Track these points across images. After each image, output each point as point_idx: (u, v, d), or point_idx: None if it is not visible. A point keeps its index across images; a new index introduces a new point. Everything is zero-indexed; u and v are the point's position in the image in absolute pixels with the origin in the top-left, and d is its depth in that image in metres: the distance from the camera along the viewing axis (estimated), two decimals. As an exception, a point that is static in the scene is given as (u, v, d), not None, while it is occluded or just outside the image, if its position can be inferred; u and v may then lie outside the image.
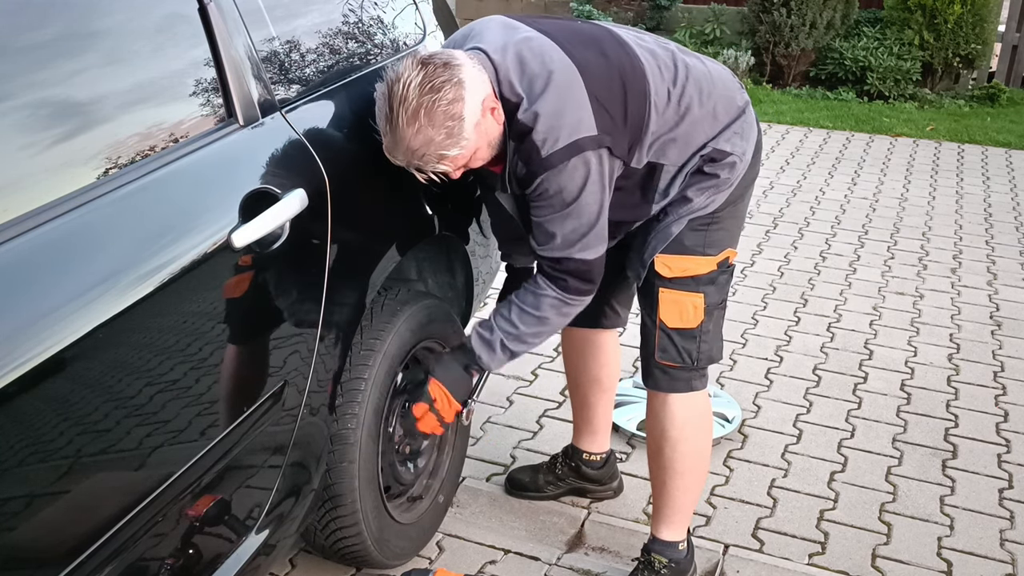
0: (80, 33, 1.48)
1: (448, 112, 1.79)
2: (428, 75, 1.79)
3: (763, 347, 3.62)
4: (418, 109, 1.78)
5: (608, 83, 1.90)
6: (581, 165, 1.87)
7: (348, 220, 1.88)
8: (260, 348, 1.73)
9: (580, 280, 2.00)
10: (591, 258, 1.98)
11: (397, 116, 1.79)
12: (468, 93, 1.81)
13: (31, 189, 1.34)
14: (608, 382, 2.56)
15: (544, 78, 1.86)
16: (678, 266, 2.09)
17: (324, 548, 2.15)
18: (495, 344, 2.06)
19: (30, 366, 1.25)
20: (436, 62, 1.81)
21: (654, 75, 1.96)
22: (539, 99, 1.85)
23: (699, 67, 2.04)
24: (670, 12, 9.17)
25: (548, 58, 1.88)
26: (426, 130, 1.79)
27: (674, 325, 2.11)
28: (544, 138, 1.85)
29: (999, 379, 3.46)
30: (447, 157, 1.84)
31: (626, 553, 2.45)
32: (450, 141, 1.82)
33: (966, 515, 2.68)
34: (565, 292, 2.01)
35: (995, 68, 8.44)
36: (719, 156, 2.03)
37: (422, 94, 1.78)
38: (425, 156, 1.83)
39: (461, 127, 1.81)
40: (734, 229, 2.16)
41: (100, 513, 1.41)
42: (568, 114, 1.85)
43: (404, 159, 1.85)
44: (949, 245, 4.80)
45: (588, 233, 1.95)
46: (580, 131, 1.85)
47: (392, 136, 1.82)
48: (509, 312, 2.05)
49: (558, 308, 2.03)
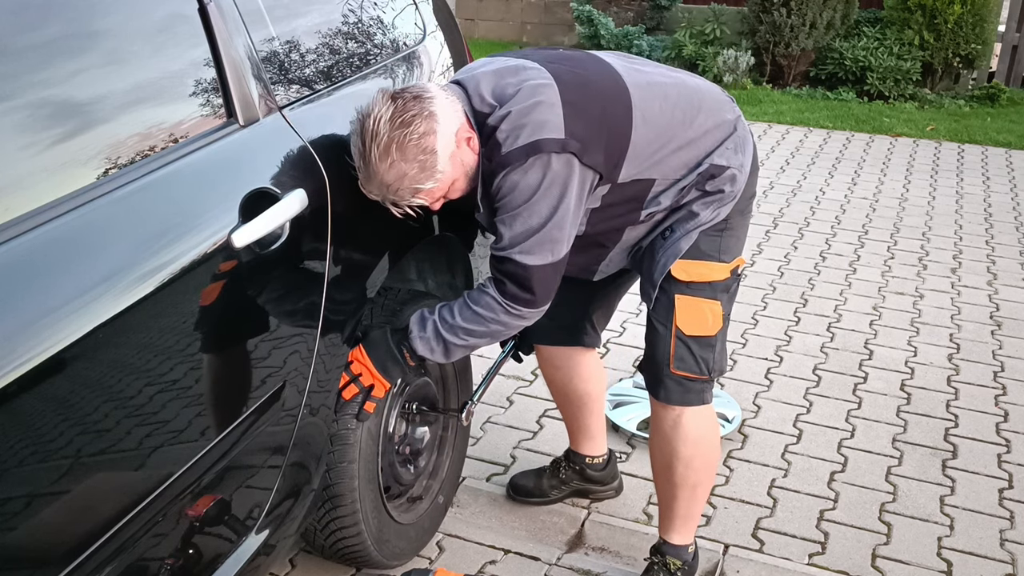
0: (80, 33, 1.48)
1: (420, 145, 1.79)
2: (398, 109, 1.79)
3: (763, 347, 3.62)
4: (390, 144, 1.78)
5: (584, 92, 1.89)
6: (539, 166, 1.84)
7: (348, 220, 1.88)
8: (260, 348, 1.73)
9: (518, 286, 1.92)
10: (531, 263, 1.89)
11: (369, 152, 1.79)
12: (440, 125, 1.81)
13: (31, 189, 1.34)
14: (596, 392, 2.53)
15: (516, 85, 1.87)
16: (695, 271, 2.06)
17: (324, 548, 2.15)
18: (427, 324, 1.98)
19: (30, 366, 1.25)
20: (406, 96, 1.81)
21: (639, 87, 1.95)
22: (509, 100, 1.86)
23: (688, 82, 2.05)
24: (670, 12, 9.17)
25: (521, 67, 1.90)
26: (399, 164, 1.79)
27: (692, 332, 2.08)
28: (507, 136, 1.84)
29: (999, 379, 3.46)
30: (422, 191, 1.83)
31: (626, 553, 2.45)
32: (424, 175, 1.82)
33: (966, 515, 2.68)
34: (502, 296, 1.93)
35: (995, 68, 8.44)
36: (718, 172, 2.01)
37: (393, 128, 1.78)
38: (400, 191, 1.82)
39: (434, 160, 1.81)
40: (742, 237, 2.15)
41: (100, 513, 1.41)
42: (535, 114, 1.84)
43: (379, 193, 1.84)
44: (949, 245, 4.80)
45: (534, 236, 1.88)
46: (543, 132, 1.83)
47: (366, 171, 1.82)
48: (454, 302, 2.01)
49: (494, 310, 1.94)
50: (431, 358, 2.02)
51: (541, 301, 1.96)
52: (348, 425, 2.00)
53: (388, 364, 2.00)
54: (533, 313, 1.97)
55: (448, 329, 1.98)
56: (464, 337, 1.98)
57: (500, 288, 1.94)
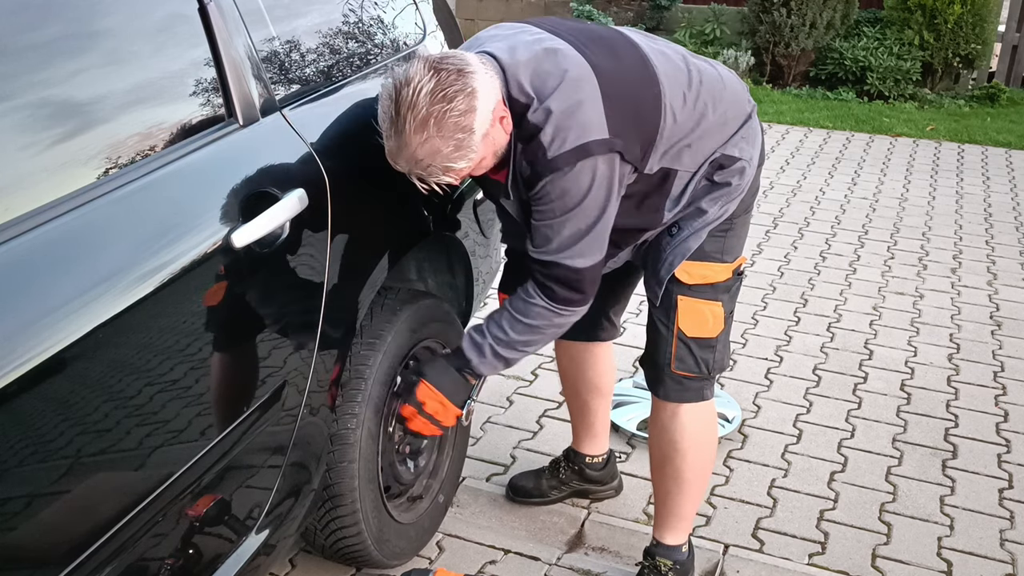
0: (80, 33, 1.48)
1: (459, 124, 1.72)
2: (441, 82, 1.70)
3: (763, 347, 3.62)
4: (427, 118, 1.70)
5: (622, 84, 1.84)
6: (588, 169, 1.80)
7: (348, 220, 1.88)
8: (260, 348, 1.73)
9: (568, 289, 1.93)
10: (582, 266, 1.90)
11: (404, 122, 1.71)
12: (480, 103, 1.73)
13: (31, 189, 1.34)
14: (607, 388, 2.55)
15: (557, 76, 1.79)
16: (698, 273, 2.05)
17: (324, 548, 2.15)
18: (484, 349, 2.02)
19: (30, 366, 1.25)
20: (449, 68, 1.72)
21: (668, 78, 1.91)
22: (550, 96, 1.78)
23: (710, 71, 2.00)
24: (670, 12, 9.18)
25: (562, 56, 1.81)
26: (434, 140, 1.72)
27: (693, 334, 2.08)
28: (552, 138, 1.78)
29: (999, 379, 3.46)
30: (453, 169, 1.77)
31: (626, 553, 2.45)
32: (458, 154, 1.75)
33: (966, 515, 2.68)
34: (553, 301, 1.94)
35: (995, 68, 8.44)
36: (728, 162, 1.99)
37: (433, 102, 1.69)
38: (430, 167, 1.76)
39: (471, 139, 1.74)
40: (744, 236, 2.14)
41: (100, 513, 1.41)
42: (579, 114, 1.78)
43: (407, 166, 1.78)
44: (949, 245, 4.80)
45: (584, 239, 1.88)
46: (590, 133, 1.78)
47: (396, 141, 1.74)
48: (501, 317, 2.01)
49: (547, 318, 1.96)
50: (495, 373, 2.09)
51: (590, 296, 1.98)
52: (348, 425, 2.00)
53: (459, 391, 2.07)
54: (584, 309, 2.00)
55: (505, 346, 2.01)
56: (523, 348, 2.03)
57: (549, 294, 1.94)
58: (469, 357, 2.03)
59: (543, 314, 1.96)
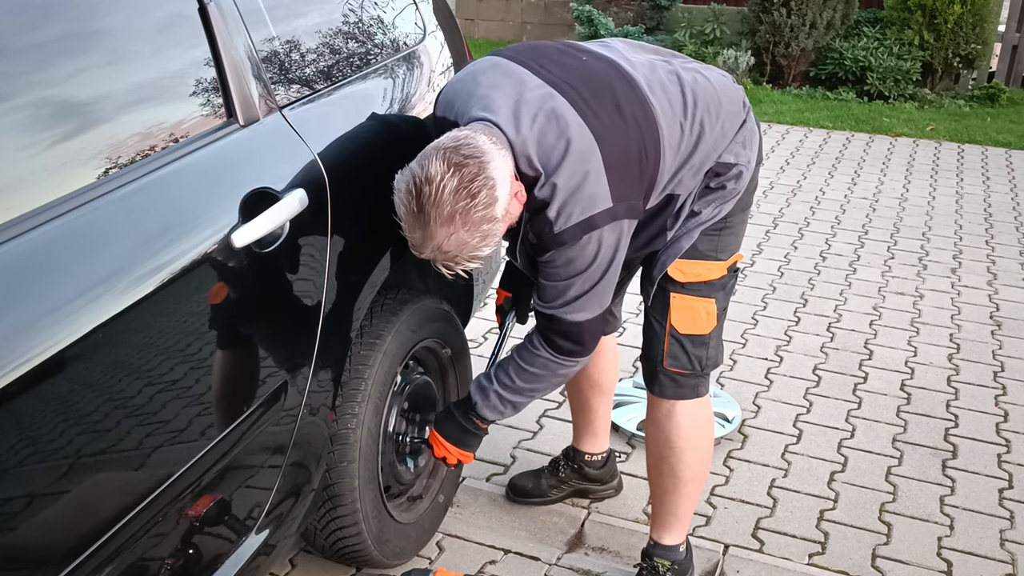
0: (81, 33, 1.48)
1: (485, 216, 1.73)
2: (463, 179, 1.70)
3: (763, 347, 3.62)
4: (453, 215, 1.71)
5: (625, 149, 1.84)
6: (594, 240, 1.83)
7: (348, 220, 1.88)
8: (260, 348, 1.73)
9: (570, 342, 1.97)
10: (582, 320, 1.94)
11: (430, 218, 1.71)
12: (500, 191, 1.74)
13: (31, 189, 1.34)
14: (608, 385, 2.56)
15: (561, 150, 1.79)
16: (691, 271, 2.05)
17: (324, 548, 2.15)
18: (490, 395, 2.06)
19: (30, 366, 1.25)
20: (469, 163, 1.71)
21: (666, 115, 1.90)
22: (556, 171, 1.79)
23: (705, 86, 1.97)
24: (670, 12, 9.17)
25: (564, 123, 1.79)
26: (460, 234, 1.73)
27: (686, 331, 2.09)
28: (558, 214, 1.80)
29: (999, 379, 3.46)
30: (479, 257, 1.79)
31: (626, 553, 2.45)
32: (484, 243, 1.77)
33: (966, 515, 2.68)
34: (556, 353, 1.98)
35: (995, 68, 8.44)
36: (724, 170, 1.99)
37: (458, 200, 1.70)
38: (457, 257, 1.77)
39: (496, 228, 1.76)
40: (741, 233, 2.14)
41: (100, 513, 1.41)
42: (584, 188, 1.79)
43: (432, 256, 1.79)
44: (949, 245, 4.80)
45: (585, 296, 1.91)
46: (595, 207, 1.80)
47: (422, 234, 1.74)
48: (508, 366, 2.05)
49: (550, 368, 2.01)
50: (502, 419, 2.12)
51: (591, 349, 2.02)
52: (348, 425, 2.00)
53: (464, 438, 2.11)
54: (586, 360, 2.05)
55: (512, 392, 2.05)
56: (530, 394, 2.07)
57: (552, 346, 1.99)
58: (476, 400, 2.08)
59: (547, 364, 2.01)
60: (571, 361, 2.01)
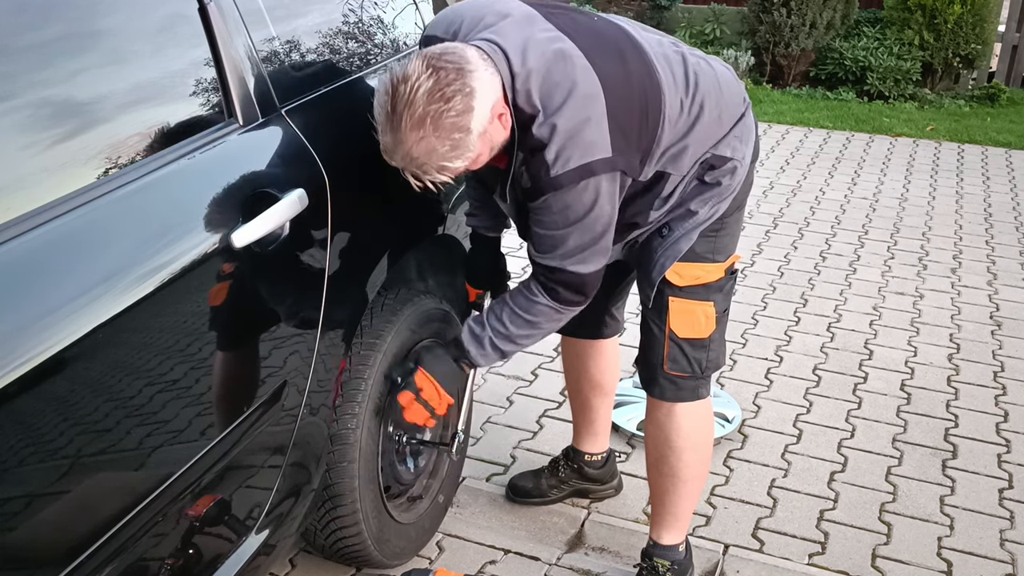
0: (81, 33, 1.48)
1: (456, 124, 1.69)
2: (439, 82, 1.67)
3: (763, 347, 3.62)
4: (424, 117, 1.68)
5: (628, 102, 1.82)
6: (592, 188, 1.80)
7: (348, 220, 1.88)
8: (260, 348, 1.73)
9: (573, 292, 1.95)
10: (586, 272, 1.92)
11: (401, 120, 1.69)
12: (479, 103, 1.71)
13: (31, 189, 1.34)
14: (610, 386, 2.55)
15: (565, 89, 1.76)
16: (689, 274, 2.05)
17: (324, 548, 2.15)
18: (484, 341, 2.03)
19: (30, 366, 1.25)
20: (448, 67, 1.69)
21: (669, 86, 1.89)
22: (557, 112, 1.76)
23: (707, 71, 1.98)
24: (670, 12, 9.18)
25: (571, 66, 1.78)
26: (430, 140, 1.70)
27: (685, 335, 2.08)
28: (556, 156, 1.77)
29: (999, 379, 3.46)
30: (448, 168, 1.76)
31: (626, 553, 2.45)
32: (454, 153, 1.73)
33: (966, 515, 2.68)
34: (557, 301, 1.96)
35: (995, 68, 8.44)
36: (719, 163, 1.98)
37: (430, 102, 1.67)
38: (425, 165, 1.74)
39: (468, 139, 1.73)
40: (737, 233, 2.14)
41: (100, 513, 1.41)
42: (585, 133, 1.77)
43: (401, 163, 1.76)
44: (949, 245, 4.80)
45: (588, 249, 1.89)
46: (594, 152, 1.78)
47: (392, 137, 1.72)
48: (501, 312, 2.01)
49: (549, 316, 1.99)
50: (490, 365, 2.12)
51: (591, 297, 2.00)
52: (348, 425, 2.01)
53: (450, 378, 2.08)
54: (582, 307, 2.02)
55: (504, 340, 2.02)
56: (521, 341, 2.04)
57: (553, 295, 1.96)
58: (468, 348, 2.04)
59: (545, 312, 1.99)
60: (570, 309, 2.00)
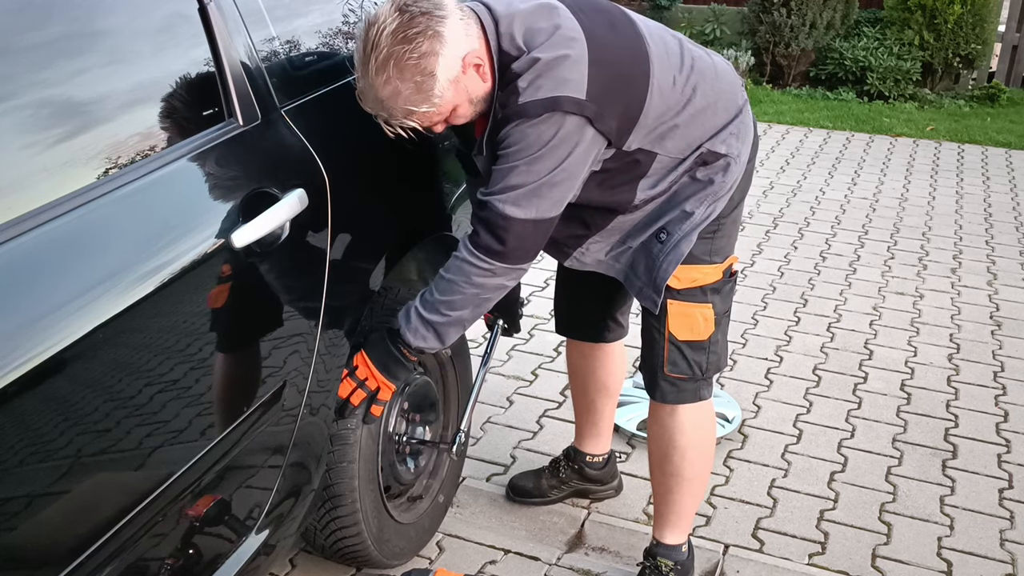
0: (81, 33, 1.48)
1: (418, 66, 1.71)
2: (403, 23, 1.70)
3: (763, 347, 3.62)
4: (388, 59, 1.71)
5: (611, 55, 1.83)
6: (553, 123, 1.77)
7: (348, 219, 1.88)
8: (260, 348, 1.73)
9: (492, 236, 1.83)
10: (512, 215, 1.81)
11: (369, 62, 1.73)
12: (445, 47, 1.72)
13: (31, 189, 1.34)
14: (615, 387, 2.55)
15: (548, 32, 1.78)
16: (687, 276, 2.04)
17: (324, 548, 2.15)
18: (410, 311, 1.93)
19: (30, 366, 1.24)
20: (414, 10, 1.71)
21: (660, 58, 1.90)
22: (538, 48, 1.77)
23: (704, 58, 2.00)
24: (670, 12, 9.18)
25: (556, 13, 1.81)
26: (394, 82, 1.72)
27: (684, 338, 2.07)
28: (528, 84, 1.76)
29: (999, 379, 3.46)
30: (415, 113, 1.76)
31: (626, 553, 2.45)
32: (419, 97, 1.74)
33: (966, 515, 2.68)
34: (474, 247, 1.85)
35: (995, 68, 8.45)
36: (712, 158, 1.97)
37: (394, 43, 1.70)
38: (392, 109, 1.76)
39: (432, 83, 1.73)
40: (734, 235, 2.13)
41: (100, 513, 1.41)
42: (561, 68, 1.76)
43: (373, 108, 1.79)
44: (949, 245, 4.80)
45: (524, 189, 1.80)
46: (564, 89, 1.76)
47: (363, 81, 1.77)
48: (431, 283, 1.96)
49: (464, 272, 1.86)
50: (426, 346, 1.93)
51: (512, 257, 1.86)
52: (348, 425, 2.00)
53: (390, 364, 1.95)
54: (504, 269, 1.87)
55: (429, 308, 1.91)
56: (445, 312, 1.90)
57: (473, 240, 1.87)
58: (399, 320, 1.95)
59: (460, 267, 1.87)
60: (486, 263, 1.85)
